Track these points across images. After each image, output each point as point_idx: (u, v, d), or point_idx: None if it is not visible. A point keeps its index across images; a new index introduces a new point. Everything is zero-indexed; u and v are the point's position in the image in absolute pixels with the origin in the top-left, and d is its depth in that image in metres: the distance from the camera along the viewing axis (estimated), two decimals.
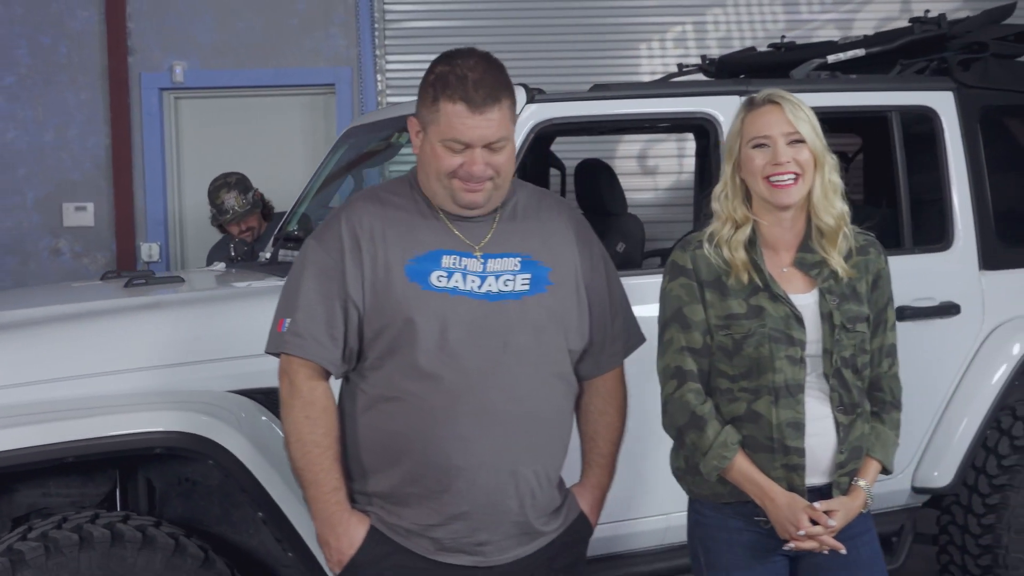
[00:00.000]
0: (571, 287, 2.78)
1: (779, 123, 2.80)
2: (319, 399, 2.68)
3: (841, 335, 2.83)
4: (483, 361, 2.64)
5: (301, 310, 2.67)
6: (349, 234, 2.68)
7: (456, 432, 2.63)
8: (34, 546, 3.15)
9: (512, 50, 7.76)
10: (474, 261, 2.69)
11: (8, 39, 7.69)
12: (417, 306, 2.63)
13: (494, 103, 2.61)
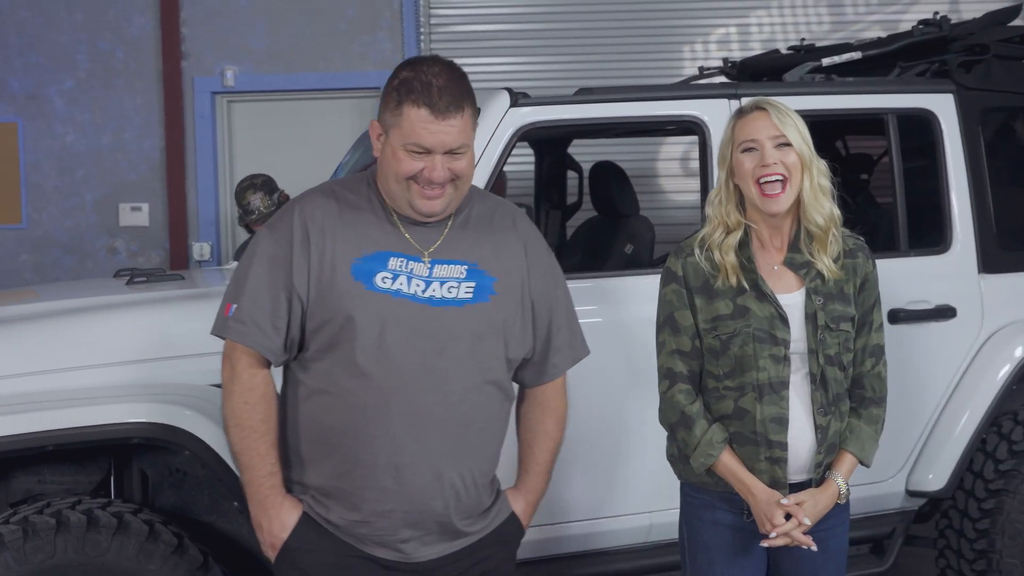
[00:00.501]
0: (516, 297, 2.81)
1: (766, 127, 2.92)
2: (258, 386, 2.72)
3: (825, 335, 2.95)
4: (419, 364, 2.67)
5: (247, 297, 2.71)
6: (300, 227, 2.71)
7: (386, 431, 2.67)
8: (13, 529, 3.31)
9: (556, 53, 7.91)
10: (421, 266, 2.72)
11: (68, 45, 7.97)
12: (358, 305, 2.66)
13: (457, 110, 2.64)
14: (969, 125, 4.44)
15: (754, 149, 2.92)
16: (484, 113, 3.96)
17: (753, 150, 2.92)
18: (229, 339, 2.73)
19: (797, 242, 2.99)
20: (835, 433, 3.00)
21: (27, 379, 3.51)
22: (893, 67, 4.60)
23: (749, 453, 2.97)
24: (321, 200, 2.77)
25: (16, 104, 7.99)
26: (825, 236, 2.96)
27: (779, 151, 2.91)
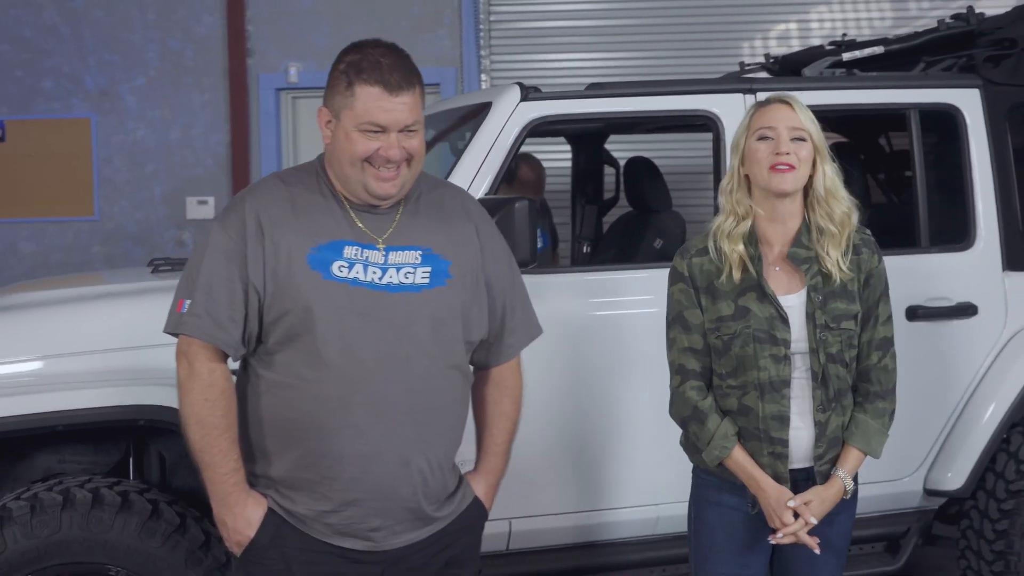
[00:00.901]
0: (471, 280, 2.81)
1: (786, 118, 2.98)
2: (218, 381, 2.68)
3: (825, 334, 2.98)
4: (380, 351, 2.66)
5: (201, 291, 2.67)
6: (252, 218, 2.67)
7: (350, 420, 2.66)
8: (22, 504, 3.45)
9: (615, 49, 7.94)
10: (376, 253, 2.71)
11: (140, 43, 8.20)
12: (317, 295, 2.64)
13: (408, 87, 2.64)
14: (996, 120, 4.38)
15: (770, 137, 2.96)
16: (495, 107, 4.02)
17: (769, 138, 2.96)
18: (184, 335, 2.68)
19: (800, 238, 3.02)
20: (836, 427, 3.04)
21: (43, 362, 3.64)
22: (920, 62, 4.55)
23: (753, 448, 3.03)
24: (271, 191, 2.74)
25: (90, 100, 8.24)
26: (841, 234, 2.99)
27: (795, 143, 2.95)
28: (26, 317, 3.81)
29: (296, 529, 2.72)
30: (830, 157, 3.03)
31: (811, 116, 3.02)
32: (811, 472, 3.06)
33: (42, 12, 8.22)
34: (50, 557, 3.45)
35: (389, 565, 2.77)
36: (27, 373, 3.63)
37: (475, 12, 7.96)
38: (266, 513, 2.73)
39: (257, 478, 2.76)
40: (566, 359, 4.01)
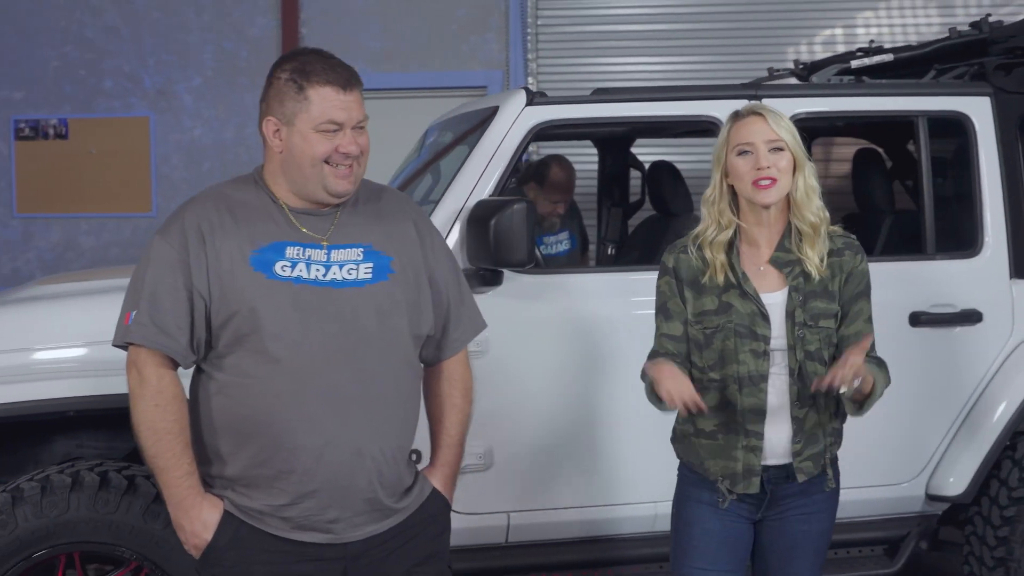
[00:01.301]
0: (413, 276, 2.88)
1: (762, 131, 3.06)
2: (167, 387, 2.73)
3: (804, 331, 3.07)
4: (328, 346, 2.73)
5: (146, 301, 2.72)
6: (193, 228, 2.74)
7: (302, 414, 2.72)
8: (33, 485, 3.63)
9: (663, 52, 8.01)
10: (319, 252, 2.78)
11: (197, 45, 8.44)
12: (262, 295, 2.71)
13: (356, 84, 2.76)
14: (1006, 128, 4.40)
15: (749, 152, 3.05)
16: (501, 110, 4.14)
17: (748, 153, 3.05)
18: (133, 344, 2.73)
19: (784, 242, 3.12)
20: (813, 424, 3.11)
21: (59, 351, 3.82)
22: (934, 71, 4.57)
23: (730, 440, 3.11)
24: (211, 201, 2.81)
25: (148, 99, 8.49)
26: (815, 235, 3.08)
27: (773, 154, 3.04)
28: (44, 308, 4.00)
29: (255, 529, 2.77)
30: (807, 159, 3.11)
31: (787, 125, 3.09)
32: (790, 469, 3.13)
33: (103, 14, 8.48)
34: (59, 536, 3.62)
35: (351, 560, 2.82)
36: (44, 361, 3.81)
37: (522, 15, 8.07)
38: (223, 515, 2.77)
39: (214, 479, 2.81)
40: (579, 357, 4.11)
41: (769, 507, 3.18)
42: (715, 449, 3.15)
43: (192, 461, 2.77)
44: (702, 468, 3.19)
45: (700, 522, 3.19)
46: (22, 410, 3.74)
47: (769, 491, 3.15)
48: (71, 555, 3.71)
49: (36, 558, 3.63)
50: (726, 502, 3.14)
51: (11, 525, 3.59)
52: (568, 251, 5.86)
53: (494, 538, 4.12)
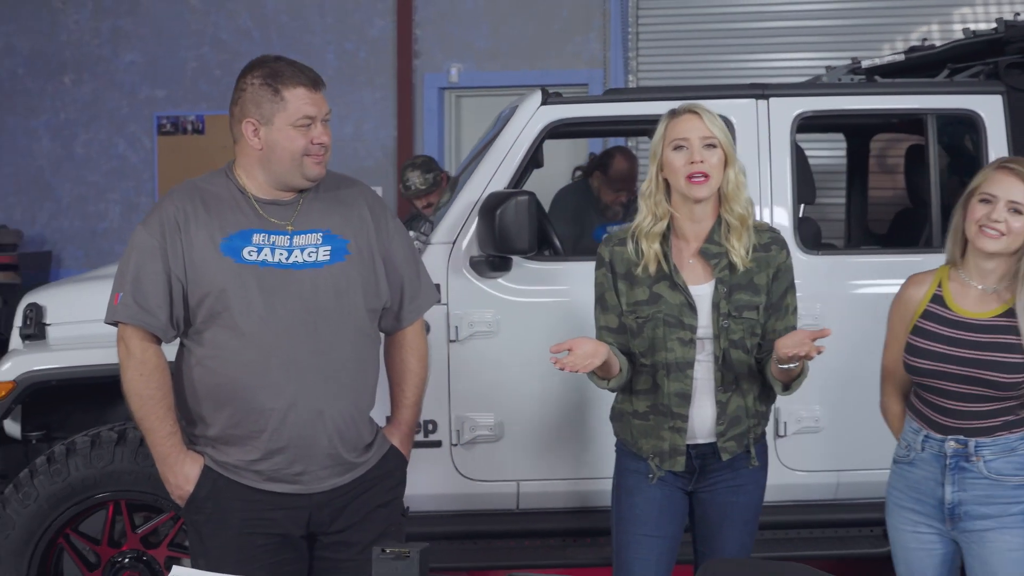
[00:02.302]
0: (367, 256, 3.20)
1: (697, 128, 3.26)
2: (150, 359, 3.09)
3: (729, 322, 3.27)
4: (290, 320, 3.07)
5: (130, 284, 3.08)
6: (169, 218, 3.09)
7: (269, 380, 3.07)
8: (84, 440, 4.16)
9: (761, 51, 8.17)
10: (282, 238, 3.11)
11: (320, 45, 9.00)
12: (231, 277, 3.05)
13: (321, 84, 3.15)
14: (1018, 125, 4.50)
15: (684, 147, 3.24)
16: (518, 109, 4.46)
17: (683, 148, 3.24)
18: (120, 322, 3.10)
19: (713, 235, 3.31)
20: (736, 407, 3.32)
21: None
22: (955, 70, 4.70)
23: (658, 421, 3.34)
24: (186, 194, 3.15)
25: None
26: (742, 227, 3.27)
27: (706, 151, 3.23)
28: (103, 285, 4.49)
29: (231, 481, 3.13)
30: (738, 159, 3.32)
31: (720, 124, 3.29)
32: (715, 447, 3.35)
33: (237, 18, 9.11)
34: (105, 485, 4.14)
35: (315, 508, 3.17)
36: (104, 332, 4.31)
37: (623, 16, 8.34)
38: (203, 469, 3.14)
39: (197, 438, 3.19)
40: None
41: (699, 480, 3.39)
42: (646, 429, 3.37)
43: (175, 422, 3.15)
44: (635, 446, 3.41)
45: (641, 491, 3.42)
46: (84, 373, 4.25)
47: (698, 466, 3.36)
48: (118, 503, 4.22)
49: (86, 503, 4.15)
50: (655, 478, 3.37)
51: (64, 473, 4.12)
52: None
53: (506, 504, 4.45)
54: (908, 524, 3.26)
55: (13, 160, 9.55)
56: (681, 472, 3.38)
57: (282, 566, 3.18)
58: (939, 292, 3.23)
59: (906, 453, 3.27)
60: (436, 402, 4.41)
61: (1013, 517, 3.12)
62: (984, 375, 3.09)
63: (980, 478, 3.13)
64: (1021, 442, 3.14)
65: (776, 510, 4.51)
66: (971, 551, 3.18)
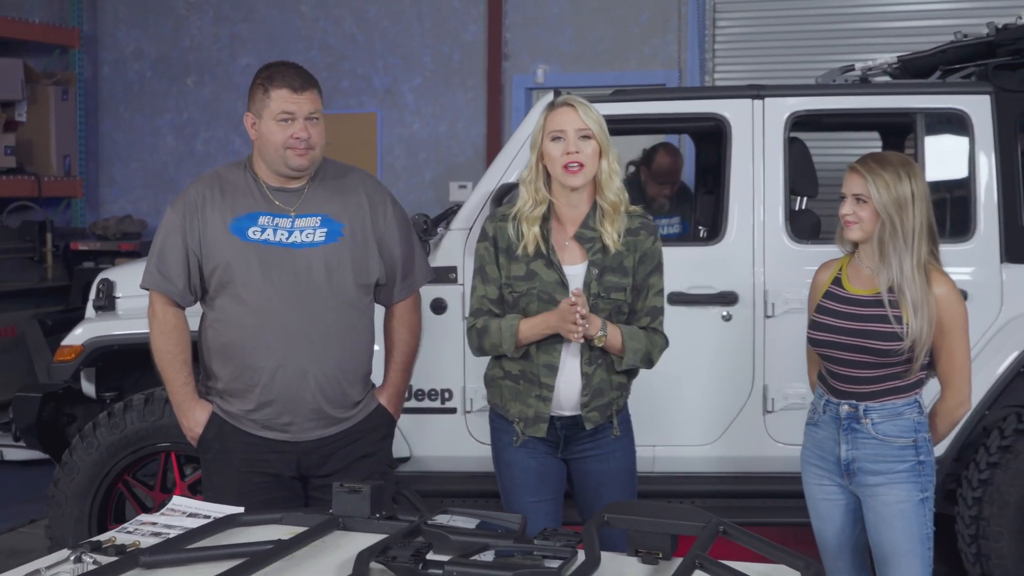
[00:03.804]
0: (360, 238, 3.65)
1: (573, 121, 3.53)
2: (170, 320, 3.68)
3: (597, 301, 3.55)
4: (285, 291, 3.57)
5: (156, 256, 3.66)
6: (191, 201, 3.64)
7: (262, 343, 3.58)
8: (140, 397, 4.78)
9: (837, 52, 8.40)
10: (286, 220, 3.60)
11: (418, 49, 9.56)
12: (236, 253, 3.57)
13: (309, 87, 3.58)
14: (1004, 125, 4.77)
15: (561, 138, 3.52)
16: (533, 109, 4.91)
17: (560, 139, 3.52)
18: (146, 288, 3.71)
19: (588, 220, 3.58)
20: (600, 380, 3.59)
21: None
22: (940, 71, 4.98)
23: (526, 388, 3.61)
24: (208, 180, 3.70)
25: (377, 98, 9.69)
26: (614, 212, 3.56)
27: (582, 141, 3.50)
28: None
29: (233, 427, 3.67)
30: (612, 146, 3.58)
31: (595, 116, 3.54)
32: (579, 419, 3.62)
33: (343, 23, 9.74)
34: (156, 437, 4.76)
35: (303, 454, 3.67)
36: None
37: (700, 19, 8.68)
38: (211, 416, 3.69)
39: (209, 389, 3.73)
40: None
41: (566, 450, 3.66)
42: (515, 392, 3.63)
43: (189, 374, 3.71)
44: (503, 409, 3.67)
45: (518, 463, 3.68)
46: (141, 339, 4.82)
47: (563, 436, 3.63)
48: (169, 454, 4.81)
49: (141, 452, 4.76)
50: (519, 441, 3.63)
51: (122, 426, 4.75)
52: (678, 235, 6.49)
53: None
54: (815, 479, 3.64)
55: (140, 156, 10.38)
56: (546, 440, 3.64)
57: (276, 502, 3.62)
58: (839, 276, 3.60)
59: (812, 416, 3.65)
60: (451, 374, 4.90)
61: (900, 474, 3.49)
62: (866, 343, 3.46)
63: (869, 438, 3.50)
64: (906, 407, 3.49)
65: (766, 480, 4.89)
66: (866, 504, 3.55)
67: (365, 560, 2.77)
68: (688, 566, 2.73)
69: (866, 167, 3.48)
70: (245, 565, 2.80)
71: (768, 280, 4.84)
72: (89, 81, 10.43)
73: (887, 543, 3.53)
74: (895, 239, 3.45)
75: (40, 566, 2.83)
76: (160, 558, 2.87)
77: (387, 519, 3.14)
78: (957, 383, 3.56)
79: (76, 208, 10.32)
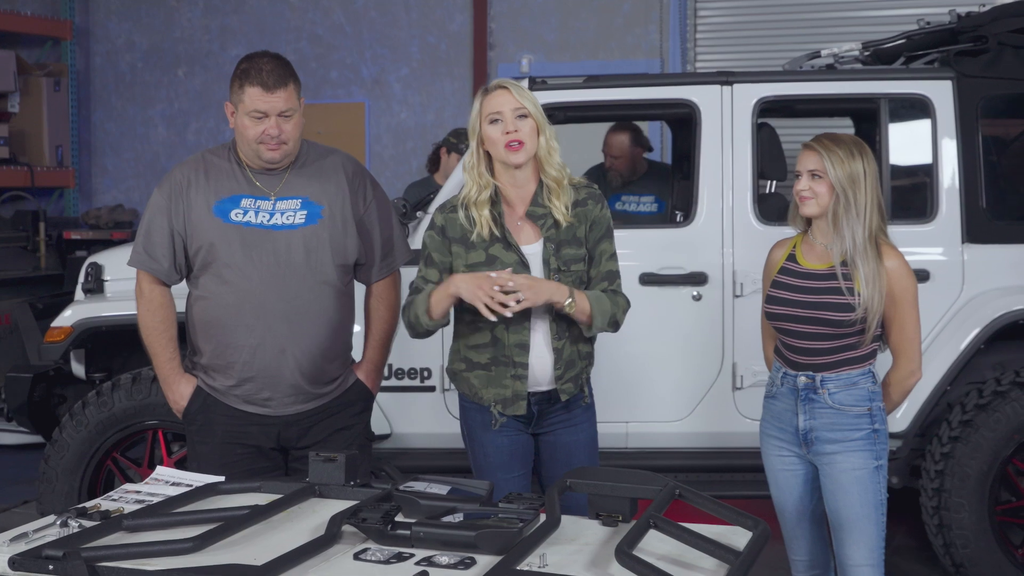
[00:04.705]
0: (339, 220, 3.75)
1: (508, 102, 3.59)
2: (156, 298, 3.80)
3: (559, 276, 3.63)
4: (264, 271, 3.67)
5: (143, 236, 3.77)
6: (176, 183, 3.74)
7: (242, 321, 3.69)
8: (127, 377, 4.95)
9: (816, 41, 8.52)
10: (267, 203, 3.70)
11: (405, 39, 9.70)
12: (218, 234, 3.68)
13: (282, 85, 3.61)
14: (966, 109, 4.93)
15: (499, 120, 3.57)
16: None
17: (498, 121, 3.57)
18: (133, 266, 3.82)
19: (538, 197, 3.66)
20: (570, 352, 3.67)
21: None
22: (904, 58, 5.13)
23: (500, 372, 3.66)
24: (193, 163, 3.81)
25: (365, 87, 9.83)
26: (559, 187, 3.63)
27: (519, 120, 3.57)
28: None
29: (217, 400, 3.79)
30: (548, 124, 3.64)
31: (529, 96, 3.61)
32: (554, 393, 3.69)
33: (332, 14, 9.87)
34: (143, 415, 4.91)
35: (283, 427, 3.79)
36: None
37: (681, 8, 8.83)
38: (195, 389, 3.82)
39: (195, 365, 3.86)
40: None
41: (538, 424, 3.74)
42: (488, 379, 3.68)
43: (175, 350, 3.83)
44: (476, 397, 3.73)
45: (491, 443, 3.76)
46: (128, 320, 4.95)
47: (536, 411, 3.70)
48: (156, 432, 4.96)
49: (129, 430, 4.91)
50: (497, 424, 3.70)
51: (110, 404, 4.89)
52: (654, 214, 6.61)
53: None
54: (774, 449, 3.79)
55: (132, 146, 10.52)
56: (519, 417, 3.71)
57: (257, 473, 3.75)
58: (793, 252, 3.74)
59: (771, 389, 3.80)
60: (430, 353, 5.04)
61: (855, 442, 3.63)
62: (822, 315, 3.61)
63: (826, 408, 3.65)
64: (861, 377, 3.64)
65: (734, 455, 5.04)
66: (823, 471, 3.70)
67: (338, 522, 2.93)
68: (643, 526, 2.89)
69: (821, 144, 3.63)
70: (222, 528, 2.95)
71: (737, 261, 4.99)
72: (81, 72, 10.56)
73: (843, 509, 3.67)
74: (848, 213, 3.59)
75: (28, 529, 2.97)
76: (142, 522, 3.02)
77: (361, 487, 3.30)
78: (908, 353, 3.71)
79: (69, 198, 10.45)
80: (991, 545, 4.81)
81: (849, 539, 3.68)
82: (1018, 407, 4.80)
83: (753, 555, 2.76)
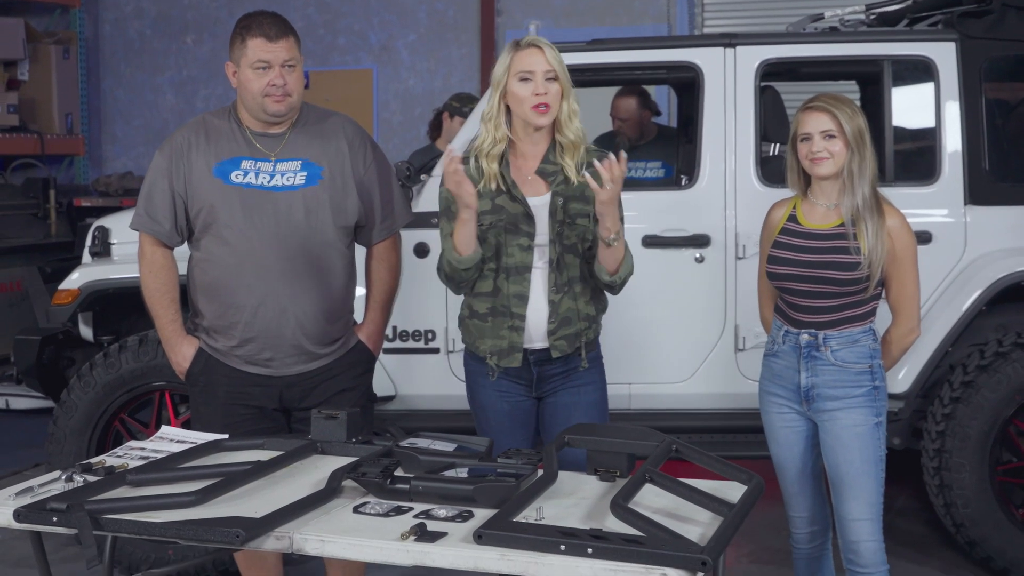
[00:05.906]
0: (339, 182, 3.79)
1: (540, 63, 3.58)
2: (158, 260, 3.84)
3: (563, 228, 3.63)
4: (264, 232, 3.72)
5: (144, 199, 3.82)
6: (177, 146, 3.78)
7: (243, 282, 3.73)
8: (135, 339, 4.99)
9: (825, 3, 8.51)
10: (268, 164, 3.75)
11: (413, 5, 9.70)
12: (218, 195, 3.72)
13: (283, 36, 3.68)
14: (970, 71, 4.93)
15: (529, 80, 3.56)
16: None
17: (528, 80, 3.56)
18: (135, 229, 3.87)
19: (550, 155, 3.66)
20: (567, 308, 3.66)
21: None
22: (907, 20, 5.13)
23: (498, 322, 3.67)
24: (194, 125, 3.85)
25: (373, 54, 9.83)
26: (575, 148, 3.63)
27: (549, 83, 3.56)
28: None
29: (219, 361, 3.83)
30: (572, 89, 3.66)
31: (559, 59, 3.60)
32: (548, 352, 3.68)
33: None
34: (150, 376, 4.96)
35: (284, 387, 3.84)
36: None
37: None
38: (198, 351, 3.87)
39: (197, 326, 3.90)
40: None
41: (539, 387, 3.74)
42: (486, 329, 3.70)
43: (177, 312, 3.88)
44: (475, 347, 3.75)
45: (492, 406, 3.78)
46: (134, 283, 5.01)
47: (536, 372, 3.71)
48: (163, 394, 5.01)
49: (136, 391, 4.96)
50: (495, 375, 3.71)
51: (117, 365, 4.94)
52: (660, 179, 6.62)
53: None
54: (774, 407, 3.82)
55: (141, 113, 10.55)
56: (520, 381, 3.73)
57: (260, 433, 3.76)
58: (794, 213, 3.76)
59: (772, 347, 3.82)
60: (434, 315, 5.08)
61: (856, 399, 3.67)
62: (826, 274, 3.63)
63: (828, 365, 3.68)
64: (863, 335, 3.67)
65: (737, 416, 5.07)
66: (824, 428, 3.73)
67: (338, 477, 2.99)
68: (639, 480, 2.94)
69: (829, 103, 3.64)
70: (224, 482, 3.00)
71: (739, 223, 5.01)
72: (90, 40, 10.56)
73: (843, 465, 3.70)
74: (861, 168, 3.62)
75: (33, 484, 3.03)
76: (146, 476, 3.07)
77: (363, 443, 3.36)
78: (908, 310, 3.74)
79: (79, 165, 10.50)
80: (992, 505, 4.84)
81: (849, 494, 3.72)
82: (1019, 368, 4.81)
83: (747, 507, 2.80)
